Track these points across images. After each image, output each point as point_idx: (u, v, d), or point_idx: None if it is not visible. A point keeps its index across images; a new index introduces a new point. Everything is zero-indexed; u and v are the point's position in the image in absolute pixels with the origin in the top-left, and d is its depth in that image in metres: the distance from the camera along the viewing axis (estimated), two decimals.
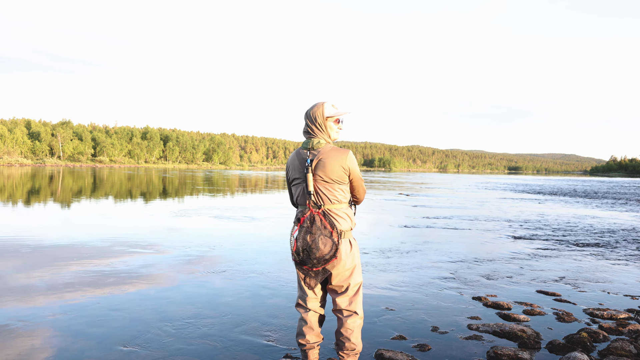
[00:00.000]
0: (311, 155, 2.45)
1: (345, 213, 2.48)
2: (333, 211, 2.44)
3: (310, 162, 2.43)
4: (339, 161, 2.42)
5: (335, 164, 2.41)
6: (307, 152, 2.47)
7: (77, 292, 4.53)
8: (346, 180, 2.48)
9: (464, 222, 11.37)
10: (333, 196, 2.44)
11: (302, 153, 2.50)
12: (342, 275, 2.49)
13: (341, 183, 2.45)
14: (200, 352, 3.20)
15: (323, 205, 2.44)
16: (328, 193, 2.43)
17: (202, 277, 5.29)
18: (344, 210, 2.48)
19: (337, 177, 2.42)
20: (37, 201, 14.19)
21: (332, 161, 2.41)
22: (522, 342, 3.50)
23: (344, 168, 2.43)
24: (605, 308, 4.46)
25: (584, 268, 6.36)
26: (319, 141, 2.46)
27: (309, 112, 2.51)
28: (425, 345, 3.43)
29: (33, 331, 3.50)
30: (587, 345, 3.45)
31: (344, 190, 2.49)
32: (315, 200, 2.45)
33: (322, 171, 2.41)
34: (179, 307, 4.17)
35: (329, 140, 2.51)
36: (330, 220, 2.41)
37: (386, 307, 4.32)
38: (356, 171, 2.50)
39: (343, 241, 2.45)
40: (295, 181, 2.54)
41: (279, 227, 9.69)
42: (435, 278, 5.55)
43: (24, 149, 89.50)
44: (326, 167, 2.41)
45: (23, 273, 5.24)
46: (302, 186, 2.49)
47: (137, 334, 3.49)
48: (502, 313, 4.23)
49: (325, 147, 2.45)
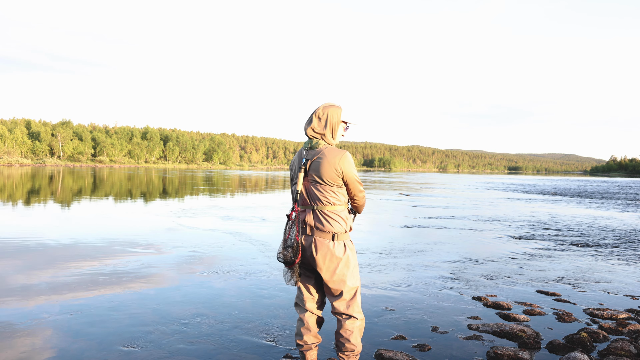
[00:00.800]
0: (309, 155, 2.45)
1: (338, 215, 2.45)
2: (326, 212, 2.42)
3: (305, 161, 2.44)
4: (333, 162, 2.39)
5: (328, 165, 2.39)
6: (305, 152, 2.48)
7: (77, 292, 4.53)
8: (339, 182, 2.44)
9: (464, 222, 11.37)
10: (324, 197, 2.42)
11: (302, 153, 2.51)
12: (335, 278, 2.45)
13: (333, 185, 2.42)
14: (200, 352, 3.20)
15: (316, 206, 2.43)
16: (319, 194, 2.42)
17: (202, 277, 5.29)
18: (337, 212, 2.45)
19: (329, 179, 2.40)
20: (37, 201, 14.20)
21: (326, 162, 2.39)
22: (522, 342, 3.50)
23: (336, 170, 2.39)
24: (605, 308, 4.46)
25: (584, 268, 6.36)
26: (318, 142, 2.46)
27: (327, 110, 2.48)
28: (425, 345, 3.43)
29: (33, 331, 3.50)
30: (587, 345, 3.45)
31: (336, 193, 2.45)
32: (309, 201, 2.45)
33: (315, 171, 2.41)
34: (179, 307, 4.17)
35: (331, 142, 2.49)
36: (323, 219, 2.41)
37: (386, 307, 4.32)
38: (351, 174, 2.44)
39: (335, 243, 2.43)
40: (295, 180, 2.53)
41: (279, 228, 9.69)
42: (435, 278, 5.55)
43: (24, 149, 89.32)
44: (319, 168, 2.40)
45: (23, 273, 5.24)
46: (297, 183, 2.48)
47: (137, 334, 3.49)
48: (502, 313, 4.23)
49: (322, 148, 2.44)
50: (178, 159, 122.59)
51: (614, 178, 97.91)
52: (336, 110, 2.49)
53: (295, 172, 2.52)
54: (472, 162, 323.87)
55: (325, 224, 2.41)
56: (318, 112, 2.49)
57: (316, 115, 2.48)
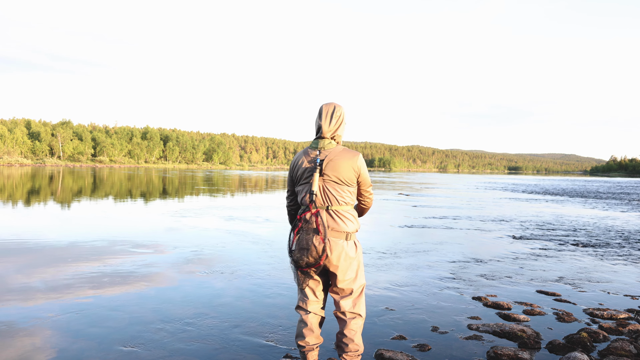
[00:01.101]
0: (322, 155, 2.44)
1: (351, 214, 2.49)
2: (340, 212, 2.45)
3: (320, 162, 2.41)
4: (351, 163, 2.43)
5: (346, 165, 2.41)
6: (318, 152, 2.46)
7: (77, 292, 4.53)
8: (355, 182, 2.49)
9: (464, 222, 11.37)
10: (341, 197, 2.45)
11: (311, 153, 2.49)
12: (348, 278, 2.47)
13: (350, 185, 2.47)
14: (200, 352, 3.20)
15: (331, 206, 2.43)
16: (336, 194, 2.44)
17: (203, 277, 5.29)
18: (350, 212, 2.49)
19: (347, 179, 2.43)
20: (37, 201, 14.20)
21: (344, 162, 2.41)
22: (522, 342, 3.50)
23: (354, 170, 2.44)
24: (605, 308, 4.46)
25: (584, 268, 6.36)
26: (330, 142, 2.47)
27: (341, 110, 2.52)
28: (425, 345, 3.43)
29: (33, 331, 3.50)
30: (587, 345, 3.45)
31: (351, 192, 2.50)
32: (322, 201, 2.44)
33: (333, 171, 2.41)
34: (179, 307, 4.17)
35: (339, 141, 2.53)
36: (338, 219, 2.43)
37: (386, 307, 4.32)
38: (365, 174, 2.51)
39: (349, 243, 2.45)
40: (303, 181, 2.50)
41: (280, 228, 9.69)
42: (435, 278, 5.54)
43: (24, 149, 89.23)
44: (337, 168, 2.40)
45: (23, 273, 5.24)
46: (308, 185, 2.45)
47: (137, 334, 3.49)
48: (502, 313, 4.23)
49: (336, 149, 2.46)
50: (178, 159, 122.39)
51: (615, 178, 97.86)
52: (342, 108, 2.54)
53: (304, 172, 2.48)
54: (472, 162, 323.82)
55: (340, 223, 2.43)
56: (335, 111, 2.49)
57: (335, 115, 2.48)
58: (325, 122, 2.46)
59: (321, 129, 2.46)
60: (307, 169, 2.46)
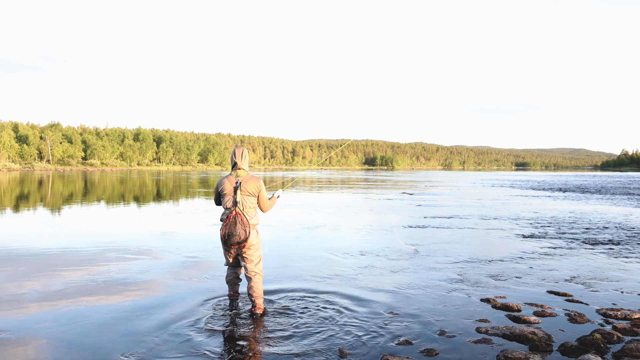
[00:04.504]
0: (238, 179, 4.02)
1: (255, 213, 4.09)
2: (249, 213, 4.03)
3: (239, 183, 4.00)
4: (256, 183, 4.06)
5: (253, 185, 4.04)
6: (236, 177, 4.03)
7: (71, 301, 4.45)
8: (257, 194, 4.09)
9: (470, 221, 11.21)
10: (250, 203, 4.05)
11: (231, 178, 4.05)
12: (251, 251, 4.03)
13: (254, 196, 4.08)
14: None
15: (243, 209, 3.99)
16: (247, 202, 4.04)
17: (199, 282, 5.19)
18: (254, 212, 4.08)
19: (253, 192, 4.05)
20: (26, 208, 14.16)
21: (252, 183, 4.04)
22: (533, 345, 3.39)
23: (257, 187, 4.06)
24: (619, 308, 4.32)
25: (596, 267, 6.19)
26: (243, 171, 4.07)
27: (243, 153, 4.09)
28: (432, 350, 3.32)
29: (25, 341, 3.42)
30: (601, 347, 3.35)
31: (255, 201, 4.11)
32: (240, 206, 3.97)
33: (246, 189, 4.02)
34: (175, 315, 4.08)
35: (247, 170, 4.11)
36: (247, 218, 3.95)
37: (391, 311, 4.21)
38: (263, 190, 4.12)
39: (252, 231, 4.00)
40: (226, 195, 4.05)
41: (280, 228, 9.59)
42: (441, 279, 5.41)
43: (11, 153, 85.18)
44: (248, 187, 4.02)
45: (14, 282, 5.16)
46: (231, 197, 4.01)
47: (132, 344, 3.40)
48: (511, 315, 4.10)
49: (247, 175, 4.07)
50: (172, 161, 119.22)
51: (627, 172, 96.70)
52: (245, 150, 4.13)
53: (228, 189, 4.03)
54: (477, 158, 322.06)
55: (251, 219, 4.01)
56: (244, 153, 4.09)
57: (243, 155, 4.08)
58: (239, 160, 4.06)
59: (236, 164, 4.05)
60: (229, 188, 4.03)
